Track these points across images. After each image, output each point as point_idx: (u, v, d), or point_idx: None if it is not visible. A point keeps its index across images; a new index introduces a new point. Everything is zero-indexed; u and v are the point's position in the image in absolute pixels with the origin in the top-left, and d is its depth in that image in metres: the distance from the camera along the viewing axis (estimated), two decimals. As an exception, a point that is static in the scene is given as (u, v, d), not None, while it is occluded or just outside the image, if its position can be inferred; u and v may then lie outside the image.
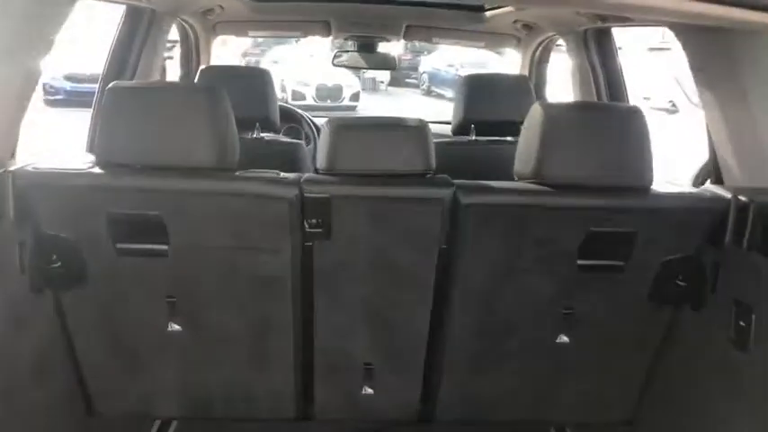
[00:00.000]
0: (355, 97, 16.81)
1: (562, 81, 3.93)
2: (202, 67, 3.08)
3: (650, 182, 1.82)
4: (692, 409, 1.94)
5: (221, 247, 1.86)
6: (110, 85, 1.80)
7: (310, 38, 4.78)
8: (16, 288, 1.78)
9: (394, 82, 20.02)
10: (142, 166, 1.76)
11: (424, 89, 20.09)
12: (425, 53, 20.14)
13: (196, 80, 3.06)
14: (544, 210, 1.83)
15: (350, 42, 4.08)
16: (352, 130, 1.89)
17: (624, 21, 2.69)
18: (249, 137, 2.94)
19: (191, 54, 3.77)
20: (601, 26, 2.90)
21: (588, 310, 1.97)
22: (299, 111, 4.23)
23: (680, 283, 1.92)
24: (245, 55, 19.07)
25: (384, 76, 18.80)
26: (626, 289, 1.94)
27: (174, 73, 3.76)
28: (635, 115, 1.82)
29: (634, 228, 1.83)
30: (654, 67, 9.74)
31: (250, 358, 2.05)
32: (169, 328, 1.96)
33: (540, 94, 3.76)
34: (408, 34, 3.85)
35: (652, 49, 12.39)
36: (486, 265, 1.90)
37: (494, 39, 3.97)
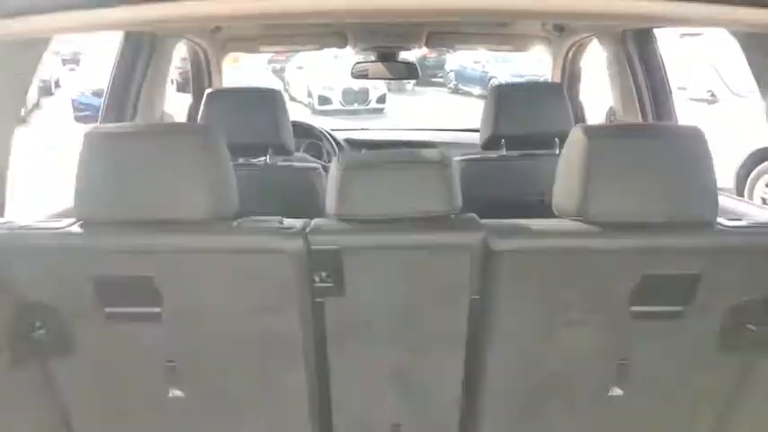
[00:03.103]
0: (382, 99, 16.68)
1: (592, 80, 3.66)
2: (208, 90, 2.89)
3: (714, 216, 1.55)
4: None
5: (221, 308, 1.64)
6: (86, 130, 1.59)
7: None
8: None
9: (420, 81, 19.73)
10: (128, 223, 1.55)
11: (452, 87, 19.83)
12: (450, 50, 19.90)
13: (201, 106, 2.86)
14: (592, 253, 1.57)
15: (369, 53, 3.86)
16: (364, 169, 1.64)
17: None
18: (261, 163, 2.73)
19: (202, 75, 3.59)
20: (641, 26, 2.63)
21: (645, 360, 1.71)
22: (318, 126, 4.01)
23: (751, 327, 1.65)
24: (270, 62, 19.06)
25: (410, 76, 18.62)
26: (688, 337, 1.67)
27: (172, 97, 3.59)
28: (695, 138, 1.55)
29: (697, 270, 1.56)
30: (688, 54, 9.34)
31: (261, 427, 1.83)
32: (170, 395, 1.75)
33: (574, 102, 3.48)
34: (430, 42, 3.60)
35: (684, 35, 11.92)
36: (525, 317, 1.65)
37: (522, 41, 3.71)
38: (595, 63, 3.41)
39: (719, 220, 1.57)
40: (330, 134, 3.99)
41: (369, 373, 1.77)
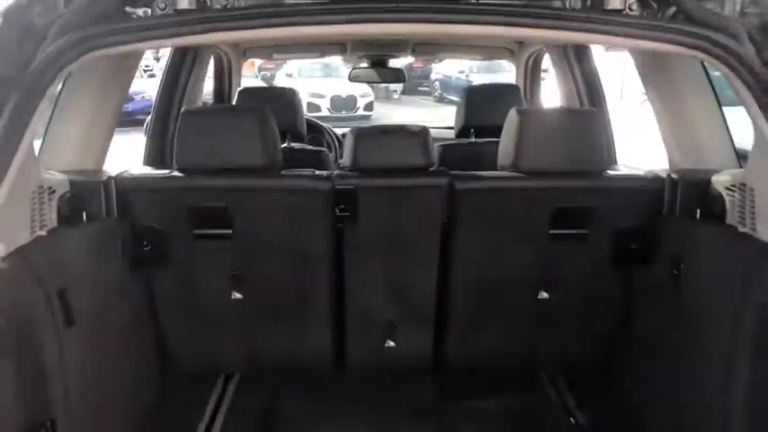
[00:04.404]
0: (369, 107, 17.25)
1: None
2: (240, 88, 3.65)
3: (605, 167, 2.35)
4: (651, 350, 2.43)
5: (272, 231, 2.41)
6: (183, 110, 2.37)
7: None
8: (118, 268, 2.33)
9: (407, 90, 20.47)
10: (212, 170, 2.31)
11: (437, 96, 20.50)
12: (436, 60, 20.54)
13: (234, 100, 3.62)
14: (521, 191, 2.36)
15: (364, 60, 4.66)
16: (370, 135, 2.44)
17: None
18: (281, 146, 3.50)
19: (224, 76, 4.35)
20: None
21: (562, 271, 2.49)
22: (320, 123, 4.80)
23: (633, 246, 2.43)
24: (260, 69, 19.65)
25: (397, 85, 19.32)
26: (590, 253, 2.46)
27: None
28: (592, 117, 2.35)
29: (592, 204, 2.36)
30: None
31: (294, 321, 2.59)
32: (233, 297, 2.51)
33: (535, 101, 4.29)
34: (415, 52, 4.41)
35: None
36: (478, 238, 2.43)
37: (490, 52, 4.53)
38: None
39: (608, 171, 2.36)
40: (331, 129, 4.78)
41: (372, 282, 2.54)
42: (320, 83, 16.82)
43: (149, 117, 3.54)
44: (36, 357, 1.76)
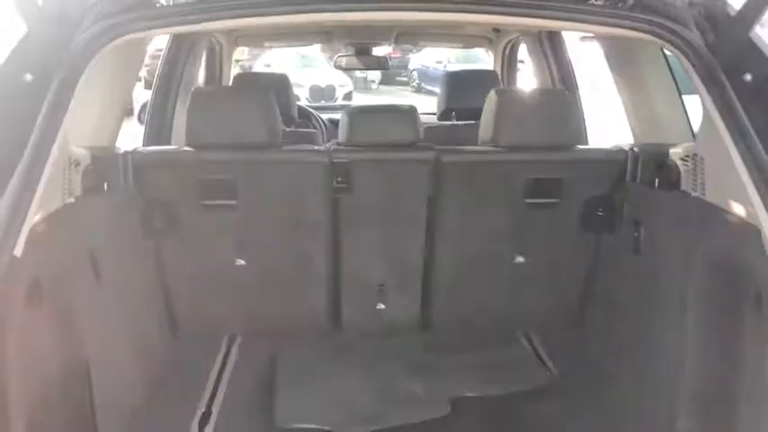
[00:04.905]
0: (348, 96, 17.30)
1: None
2: (235, 74, 3.87)
3: (572, 142, 2.61)
4: (615, 306, 2.71)
5: (274, 201, 2.64)
6: (193, 89, 2.58)
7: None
8: (135, 234, 2.55)
9: (385, 80, 20.59)
10: (220, 146, 2.54)
11: (415, 86, 20.65)
12: (414, 51, 20.68)
13: (230, 84, 3.83)
14: (499, 164, 2.62)
15: (348, 48, 4.89)
16: (363, 114, 2.68)
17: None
18: None
19: (216, 63, 4.55)
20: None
21: (536, 237, 2.76)
22: (309, 109, 5.04)
23: (600, 213, 2.70)
24: (237, 60, 19.59)
25: (375, 75, 19.44)
26: (562, 220, 2.73)
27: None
28: (561, 96, 2.62)
29: (562, 175, 2.62)
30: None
31: (294, 285, 2.82)
32: (236, 263, 2.73)
33: (511, 86, 4.55)
34: (398, 40, 4.65)
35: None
36: (461, 207, 2.69)
37: (470, 40, 4.80)
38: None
39: (578, 146, 2.63)
40: (318, 115, 5.01)
41: (365, 248, 2.79)
42: (299, 73, 16.91)
43: (144, 103, 3.75)
44: (71, 307, 1.98)
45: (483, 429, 2.24)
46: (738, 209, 1.88)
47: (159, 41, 3.85)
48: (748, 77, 1.84)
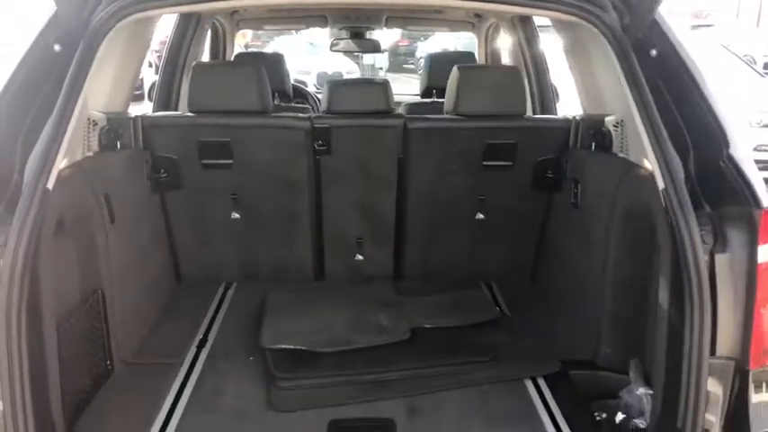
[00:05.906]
0: (355, 83, 17.72)
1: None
2: (236, 53, 4.28)
3: (523, 111, 3.00)
4: (559, 255, 3.08)
5: (265, 161, 3.04)
6: (194, 63, 2.98)
7: (310, 29, 5.98)
8: (143, 188, 2.95)
9: (392, 68, 20.81)
10: (217, 111, 2.93)
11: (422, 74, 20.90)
12: (422, 39, 20.92)
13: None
14: (460, 130, 3.01)
15: (344, 32, 5.27)
16: (342, 85, 3.09)
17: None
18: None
19: (220, 44, 4.94)
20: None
21: (494, 196, 3.14)
22: (305, 89, 5.43)
23: (549, 175, 3.08)
24: (247, 47, 19.96)
25: (383, 62, 19.77)
26: (516, 181, 3.11)
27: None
28: (513, 72, 3.00)
29: (515, 140, 3.01)
30: (699, 42, 9.58)
31: (282, 238, 3.23)
32: (232, 217, 3.14)
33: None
34: (389, 23, 5.02)
35: (695, 27, 13.29)
36: (427, 169, 3.08)
37: (454, 25, 5.17)
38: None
39: (528, 114, 3.01)
40: (315, 95, 5.40)
41: (344, 204, 3.18)
42: (307, 60, 17.29)
43: (153, 82, 4.16)
44: (90, 242, 2.39)
45: (436, 352, 2.62)
46: (647, 164, 2.25)
47: (168, 31, 4.26)
48: (653, 53, 2.20)
